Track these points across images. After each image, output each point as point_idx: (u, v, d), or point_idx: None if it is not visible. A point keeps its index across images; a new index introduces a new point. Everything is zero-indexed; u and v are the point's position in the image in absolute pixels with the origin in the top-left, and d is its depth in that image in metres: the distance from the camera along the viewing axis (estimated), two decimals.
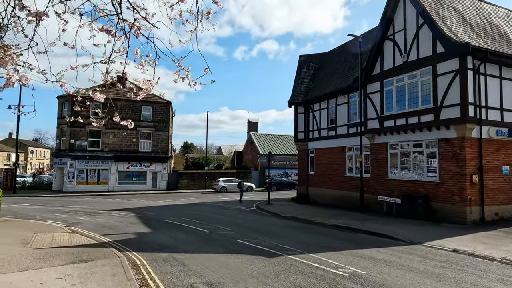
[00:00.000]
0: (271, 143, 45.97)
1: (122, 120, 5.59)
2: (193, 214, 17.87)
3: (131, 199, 27.62)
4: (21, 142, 74.86)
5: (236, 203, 24.34)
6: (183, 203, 24.11)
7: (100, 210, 19.57)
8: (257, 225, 14.29)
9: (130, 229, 13.05)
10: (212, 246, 9.82)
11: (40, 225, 13.43)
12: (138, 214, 17.64)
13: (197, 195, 31.69)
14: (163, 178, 37.57)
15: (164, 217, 16.54)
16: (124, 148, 36.38)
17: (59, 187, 34.87)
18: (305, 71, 26.16)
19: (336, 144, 21.21)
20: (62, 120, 35.77)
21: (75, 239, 10.55)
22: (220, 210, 20.12)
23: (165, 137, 38.25)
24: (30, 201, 25.57)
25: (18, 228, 12.52)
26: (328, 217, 16.10)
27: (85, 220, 15.38)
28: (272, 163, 42.96)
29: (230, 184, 35.74)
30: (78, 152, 34.57)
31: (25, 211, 18.83)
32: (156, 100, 38.38)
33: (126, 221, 15.02)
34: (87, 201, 25.26)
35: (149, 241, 10.55)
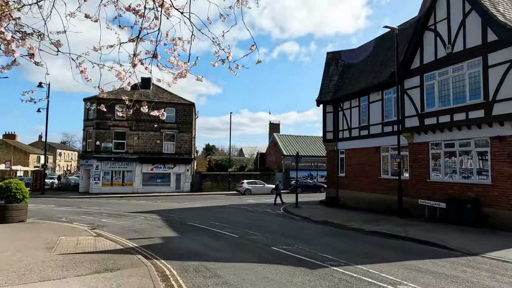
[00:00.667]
0: (295, 144, 44.86)
1: (153, 111, 4.83)
2: (219, 217, 17.15)
3: (155, 201, 27.32)
4: (50, 145, 77.25)
5: (263, 206, 23.48)
6: (208, 206, 23.50)
7: (125, 212, 19.22)
8: (288, 230, 13.36)
9: (156, 233, 12.45)
10: (245, 254, 8.99)
11: (66, 228, 13.07)
12: (163, 216, 17.10)
13: (221, 197, 31.07)
14: (187, 180, 37.25)
15: (189, 220, 15.90)
16: (148, 149, 36.35)
17: (85, 188, 35.21)
18: (333, 68, 25.04)
19: (369, 144, 19.96)
20: (88, 122, 36.17)
21: (100, 244, 10.01)
22: (246, 213, 19.33)
23: (189, 138, 37.97)
24: (57, 202, 25.72)
25: (43, 230, 12.17)
26: (364, 222, 14.96)
27: (110, 223, 14.96)
28: None
29: (254, 186, 34.94)
30: (104, 154, 34.79)
31: (52, 213, 18.72)
32: (179, 102, 38.22)
33: (152, 224, 14.47)
34: (112, 203, 25.12)
35: (176, 247, 9.85)
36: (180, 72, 4.12)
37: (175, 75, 4.15)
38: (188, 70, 4.11)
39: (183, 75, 4.11)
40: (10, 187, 14.30)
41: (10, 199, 14.29)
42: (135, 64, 4.20)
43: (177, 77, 4.14)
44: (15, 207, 14.23)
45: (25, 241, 10.02)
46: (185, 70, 4.08)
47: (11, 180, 14.70)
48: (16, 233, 11.43)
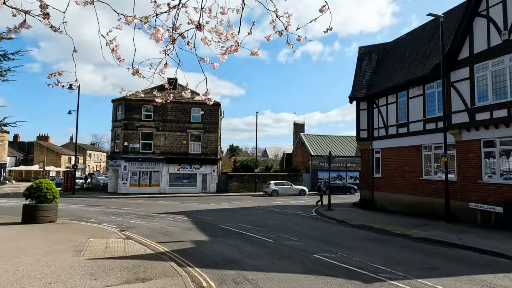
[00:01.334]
0: (323, 144, 43.54)
1: (198, 95, 4.08)
2: (249, 219, 16.39)
3: (182, 201, 26.99)
4: (80, 146, 79.63)
5: (292, 207, 22.54)
6: (235, 207, 22.82)
7: (153, 213, 18.86)
8: (326, 235, 12.38)
9: (187, 236, 11.83)
10: (286, 262, 8.13)
11: (95, 229, 12.71)
12: (192, 218, 16.54)
13: (248, 199, 30.37)
14: (213, 180, 36.86)
15: (219, 222, 15.24)
16: (174, 150, 36.26)
17: (113, 188, 35.54)
18: (367, 63, 23.73)
19: (409, 142, 18.58)
20: (116, 123, 36.54)
21: (130, 247, 9.47)
22: (276, 215, 18.46)
23: (214, 139, 37.59)
24: (86, 202, 25.88)
25: (73, 232, 11.84)
26: (407, 227, 13.72)
27: (139, 224, 14.53)
28: (324, 165, 40.57)
29: (282, 187, 34.01)
30: (131, 155, 34.99)
31: (82, 213, 18.64)
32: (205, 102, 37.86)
33: (181, 226, 13.90)
34: (140, 203, 24.97)
35: (210, 253, 9.14)
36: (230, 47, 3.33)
37: (225, 49, 3.37)
38: (239, 43, 3.32)
39: (234, 49, 3.32)
40: (40, 187, 14.17)
41: (40, 199, 14.15)
42: (174, 39, 3.46)
43: (227, 52, 3.36)
44: (45, 207, 14.07)
45: (54, 243, 9.63)
46: (236, 43, 3.29)
47: (42, 180, 14.58)
48: (45, 234, 11.14)
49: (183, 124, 36.68)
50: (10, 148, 64.17)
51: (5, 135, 54.50)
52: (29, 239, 10.23)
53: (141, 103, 36.05)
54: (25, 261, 7.53)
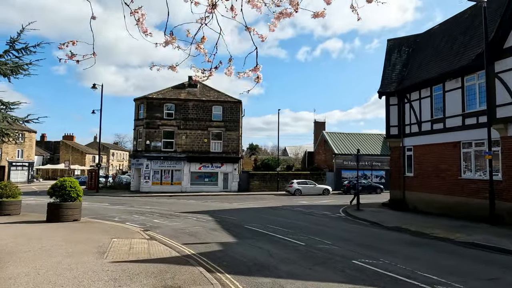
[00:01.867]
0: (347, 142, 42.26)
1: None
2: (275, 220, 15.71)
3: (205, 200, 26.62)
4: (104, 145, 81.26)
5: (319, 207, 21.68)
6: (259, 207, 22.18)
7: (176, 212, 18.49)
8: (360, 238, 11.53)
9: (212, 237, 11.27)
10: (325, 269, 7.39)
11: (118, 229, 12.37)
12: (216, 218, 16.02)
13: (271, 198, 29.69)
14: (234, 179, 36.40)
15: (245, 222, 14.63)
16: (196, 148, 36.03)
17: (136, 187, 35.70)
18: (396, 57, 22.52)
19: (445, 139, 17.35)
20: (138, 122, 36.69)
21: (154, 249, 8.98)
22: (303, 216, 17.69)
23: (236, 137, 37.10)
24: (110, 200, 25.94)
25: (96, 231, 11.53)
26: (448, 230, 12.66)
27: (162, 224, 14.13)
28: (349, 163, 39.40)
29: (305, 187, 33.13)
30: (153, 153, 35.02)
31: (105, 211, 18.50)
32: (226, 99, 37.50)
33: (205, 227, 13.38)
34: (163, 202, 24.77)
35: (240, 256, 8.51)
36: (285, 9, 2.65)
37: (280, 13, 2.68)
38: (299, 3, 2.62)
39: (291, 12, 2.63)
40: (64, 186, 14.00)
41: (64, 198, 13.98)
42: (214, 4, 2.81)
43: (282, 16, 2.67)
44: (69, 206, 13.89)
45: (77, 243, 9.28)
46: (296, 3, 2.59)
47: (66, 179, 14.42)
48: (69, 233, 10.85)
49: (204, 122, 36.40)
50: (37, 147, 66.14)
51: (32, 134, 56.13)
52: (53, 238, 9.94)
53: (162, 102, 36.03)
54: (47, 263, 7.15)
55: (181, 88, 38.58)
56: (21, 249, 8.52)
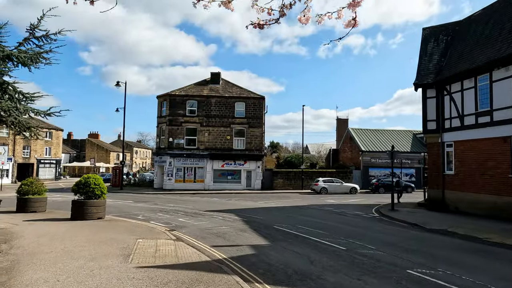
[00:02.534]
0: (374, 139, 40.59)
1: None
2: (305, 220, 14.76)
3: (228, 198, 25.97)
4: (127, 143, 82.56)
5: (349, 207, 20.53)
6: (286, 206, 21.27)
7: (201, 210, 17.87)
8: (405, 242, 10.41)
9: (242, 239, 10.48)
10: (376, 280, 6.42)
11: (143, 228, 11.80)
12: (242, 217, 15.25)
13: (296, 196, 28.71)
14: (258, 177, 35.60)
15: (273, 222, 13.77)
16: (218, 146, 35.49)
17: (159, 184, 35.58)
18: (433, 46, 20.97)
19: (492, 133, 15.83)
20: (161, 119, 36.52)
21: (182, 252, 8.27)
22: (335, 216, 16.64)
23: (259, 134, 36.28)
24: (134, 198, 25.74)
25: (121, 230, 10.98)
26: (503, 234, 11.34)
27: (188, 223, 13.48)
28: (376, 161, 37.79)
29: (331, 185, 31.91)
30: (176, 150, 34.75)
31: (129, 209, 18.13)
32: (249, 96, 36.72)
33: (233, 227, 12.61)
34: (186, 200, 24.30)
35: (276, 262, 7.65)
36: None
37: None
38: None
39: None
40: (88, 183, 13.60)
41: (89, 195, 13.59)
42: None
43: None
44: (93, 203, 13.49)
45: (101, 244, 8.70)
46: None
47: (90, 175, 14.02)
48: (93, 233, 10.34)
49: (227, 119, 35.78)
50: (64, 145, 67.82)
51: (59, 132, 57.47)
52: (76, 238, 9.43)
53: (185, 98, 35.68)
54: (68, 267, 6.55)
55: (203, 85, 38.13)
56: (43, 250, 8.01)
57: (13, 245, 8.51)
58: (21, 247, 8.30)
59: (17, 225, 11.79)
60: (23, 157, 49.30)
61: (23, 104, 8.30)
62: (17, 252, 7.75)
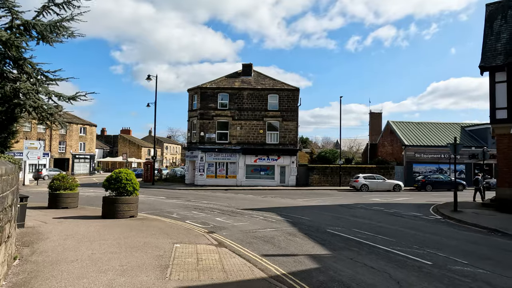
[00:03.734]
0: (418, 133, 37.58)
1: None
2: (360, 222, 12.91)
3: (264, 195, 24.45)
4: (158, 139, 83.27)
5: (400, 206, 18.37)
6: (329, 204, 19.43)
7: (238, 209, 16.45)
8: (501, 255, 8.36)
9: (295, 245, 8.86)
10: None
11: (179, 229, 10.48)
12: (286, 217, 13.64)
13: (335, 194, 26.72)
14: (292, 172, 33.84)
15: (324, 225, 12.06)
16: (251, 140, 34.04)
17: (191, 180, 34.73)
18: (501, 23, 18.23)
19: None
20: (192, 113, 35.57)
21: (229, 262, 6.79)
22: (390, 217, 14.63)
23: (293, 127, 34.45)
24: (166, 193, 24.84)
25: (155, 232, 9.71)
26: None
27: (227, 224, 12.04)
28: (421, 156, 34.92)
29: (373, 182, 29.59)
30: (208, 145, 33.68)
31: (162, 206, 17.04)
32: (283, 87, 34.94)
33: (280, 230, 11.03)
34: (219, 197, 23.03)
35: (351, 282, 5.97)
36: None
37: None
38: None
39: None
40: (120, 178, 12.49)
41: (120, 191, 12.50)
42: None
43: None
44: (125, 200, 12.37)
45: (133, 250, 7.40)
46: None
47: (121, 170, 12.91)
48: (124, 235, 9.11)
49: (259, 112, 34.23)
50: (97, 141, 69.17)
51: (93, 128, 58.43)
52: (105, 241, 8.21)
53: (216, 91, 34.47)
54: (95, 283, 5.22)
55: (234, 77, 36.75)
56: (67, 256, 6.79)
57: (35, 249, 7.39)
58: (44, 252, 7.15)
59: (46, 224, 10.85)
60: (59, 152, 50.37)
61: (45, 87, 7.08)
62: (38, 260, 6.57)
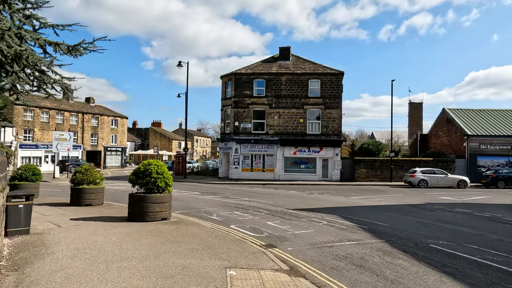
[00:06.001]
0: (481, 121, 32.90)
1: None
2: (460, 232, 9.66)
3: (309, 192, 21.44)
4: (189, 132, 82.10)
5: (491, 208, 14.74)
6: (396, 204, 16.11)
7: (288, 209, 13.60)
8: None
9: (410, 277, 5.87)
10: None
11: (226, 240, 7.76)
12: (358, 223, 10.62)
13: (390, 190, 23.21)
14: (336, 166, 30.49)
15: (415, 235, 8.95)
16: (290, 130, 30.99)
17: (225, 173, 32.31)
18: None
19: None
20: (225, 101, 33.02)
21: None
22: (493, 224, 11.20)
23: (337, 116, 30.99)
24: (200, 188, 22.48)
25: (195, 246, 7.07)
26: None
27: (286, 232, 9.19)
28: (487, 147, 30.40)
29: (433, 177, 25.73)
30: (242, 136, 31.02)
31: (198, 203, 14.55)
32: (325, 71, 31.48)
33: (362, 243, 8.05)
34: (259, 192, 20.31)
35: None
36: None
37: None
38: None
39: None
40: (149, 171, 10.00)
41: (149, 187, 10.04)
42: None
43: None
44: (155, 199, 9.87)
45: (167, 281, 4.73)
46: None
47: (151, 161, 10.40)
48: (155, 253, 6.51)
49: (299, 99, 31.05)
50: (129, 133, 68.80)
51: (124, 120, 57.65)
52: (128, 265, 5.62)
53: (252, 77, 31.62)
54: None
55: (271, 62, 33.71)
56: None
57: (23, 279, 4.90)
58: (33, 283, 4.64)
59: (59, 228, 8.54)
60: (91, 145, 49.81)
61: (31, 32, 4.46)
62: None
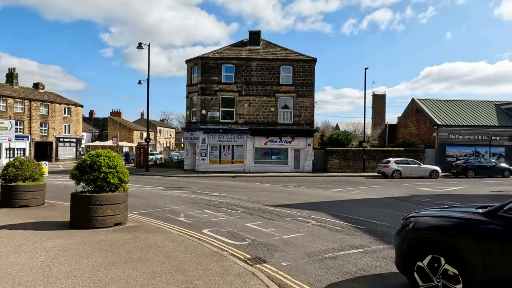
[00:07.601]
0: (450, 111, 33.26)
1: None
2: None
3: (285, 184, 19.96)
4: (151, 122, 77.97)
5: (480, 198, 14.04)
6: (381, 197, 15.01)
7: (265, 205, 11.91)
8: None
9: None
10: None
11: (200, 255, 5.86)
12: (351, 223, 9.15)
13: (367, 181, 22.37)
14: (308, 156, 29.40)
15: None
16: (260, 119, 29.33)
17: (191, 165, 30.07)
18: None
19: None
20: (191, 87, 30.58)
21: None
22: None
23: (309, 104, 29.80)
24: (164, 182, 20.21)
25: (159, 268, 5.15)
26: None
27: (271, 237, 7.47)
28: (456, 137, 30.69)
29: (406, 167, 25.35)
30: (210, 125, 28.90)
31: (161, 201, 12.42)
32: (297, 58, 30.02)
33: (370, 252, 6.54)
34: (230, 186, 18.51)
35: None
36: None
37: None
38: None
39: None
40: (98, 164, 7.81)
41: (98, 184, 7.87)
42: None
43: None
44: (106, 200, 7.71)
45: None
46: None
47: (101, 152, 8.17)
48: (97, 284, 4.49)
49: (270, 86, 29.42)
50: (86, 123, 63.77)
51: (79, 109, 52.95)
52: None
53: (220, 62, 29.42)
54: None
55: (240, 46, 31.67)
56: None
57: None
58: None
59: None
60: (40, 135, 45.05)
61: None
62: None
